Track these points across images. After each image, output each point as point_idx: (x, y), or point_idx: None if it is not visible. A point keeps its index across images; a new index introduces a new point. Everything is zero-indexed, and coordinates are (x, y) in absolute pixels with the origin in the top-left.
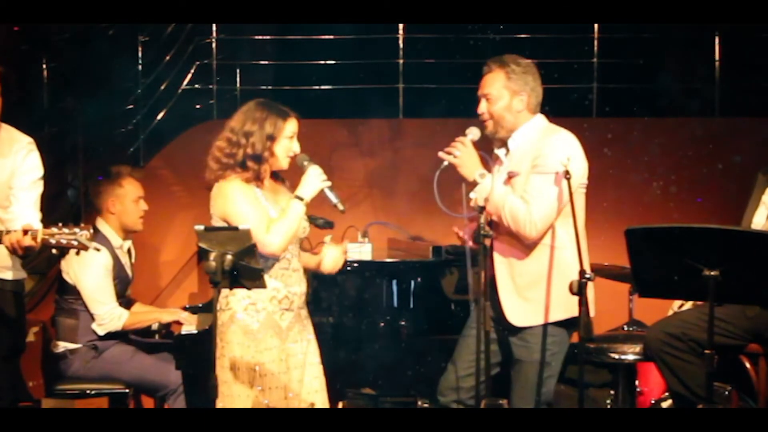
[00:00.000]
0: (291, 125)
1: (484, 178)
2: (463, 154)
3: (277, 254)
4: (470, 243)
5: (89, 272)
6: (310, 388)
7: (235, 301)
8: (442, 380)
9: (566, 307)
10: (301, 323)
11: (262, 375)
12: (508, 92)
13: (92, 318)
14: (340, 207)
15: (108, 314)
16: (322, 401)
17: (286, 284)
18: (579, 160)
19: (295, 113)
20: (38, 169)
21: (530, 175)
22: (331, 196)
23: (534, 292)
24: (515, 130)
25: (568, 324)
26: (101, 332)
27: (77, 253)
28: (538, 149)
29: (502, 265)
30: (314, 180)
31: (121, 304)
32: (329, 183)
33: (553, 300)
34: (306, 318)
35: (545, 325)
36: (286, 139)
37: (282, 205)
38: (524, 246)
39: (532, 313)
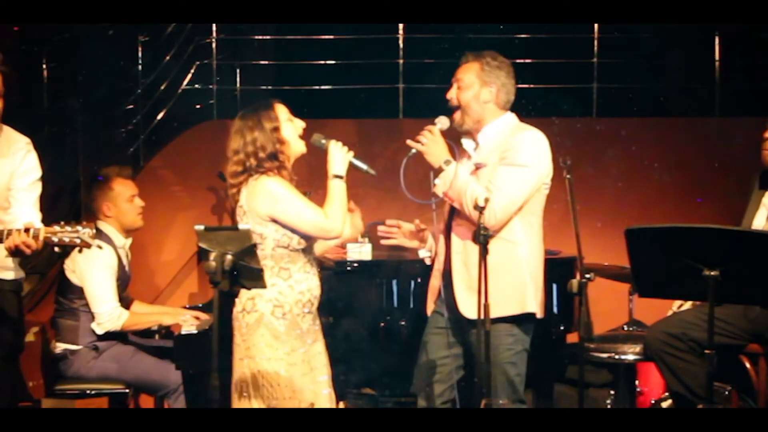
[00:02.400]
0: (281, 109)
1: (449, 165)
2: (430, 141)
3: (341, 236)
4: (424, 249)
5: (94, 270)
6: (321, 389)
7: (262, 303)
8: (412, 388)
9: (518, 303)
10: (316, 325)
11: (289, 377)
12: (479, 82)
13: (92, 317)
14: (372, 172)
15: (108, 313)
16: (331, 401)
17: (309, 288)
18: (546, 159)
19: (274, 99)
20: (37, 170)
21: (497, 167)
22: (360, 165)
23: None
24: (482, 122)
25: (522, 320)
26: (100, 331)
27: (80, 251)
28: (507, 143)
29: (458, 255)
30: (339, 154)
31: (120, 304)
32: (353, 153)
33: (505, 294)
34: (318, 319)
35: (504, 323)
36: (287, 123)
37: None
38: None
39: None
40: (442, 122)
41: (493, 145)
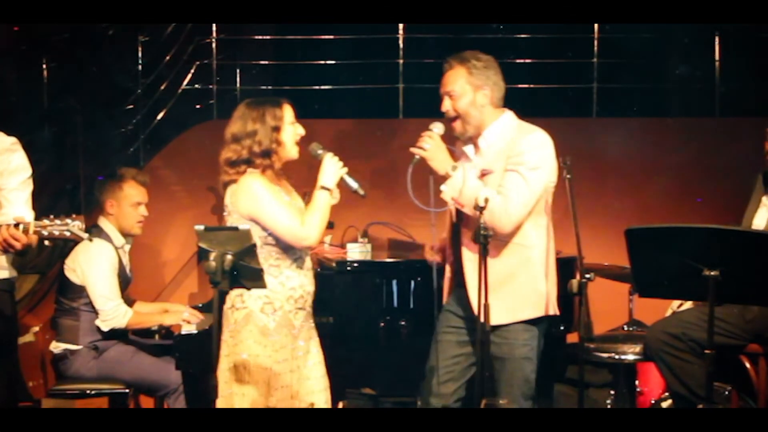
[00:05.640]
0: (288, 110)
1: (455, 170)
2: (432, 147)
3: (314, 246)
4: (437, 259)
5: (96, 267)
6: (314, 387)
7: (251, 300)
8: (422, 387)
9: (535, 306)
10: (309, 322)
11: (276, 374)
12: (471, 87)
13: (96, 315)
14: (361, 192)
15: (113, 310)
16: (325, 401)
17: (301, 284)
18: (553, 160)
19: (285, 99)
20: (26, 169)
21: (506, 172)
22: (351, 182)
23: (503, 290)
24: (482, 126)
25: (538, 321)
26: (105, 328)
27: (73, 245)
28: (513, 147)
29: (471, 263)
30: (333, 167)
31: None
32: (347, 169)
33: (522, 299)
34: (311, 316)
35: (518, 322)
36: (289, 125)
37: (296, 203)
38: (493, 243)
39: (502, 312)
40: (438, 127)
41: (496, 148)
